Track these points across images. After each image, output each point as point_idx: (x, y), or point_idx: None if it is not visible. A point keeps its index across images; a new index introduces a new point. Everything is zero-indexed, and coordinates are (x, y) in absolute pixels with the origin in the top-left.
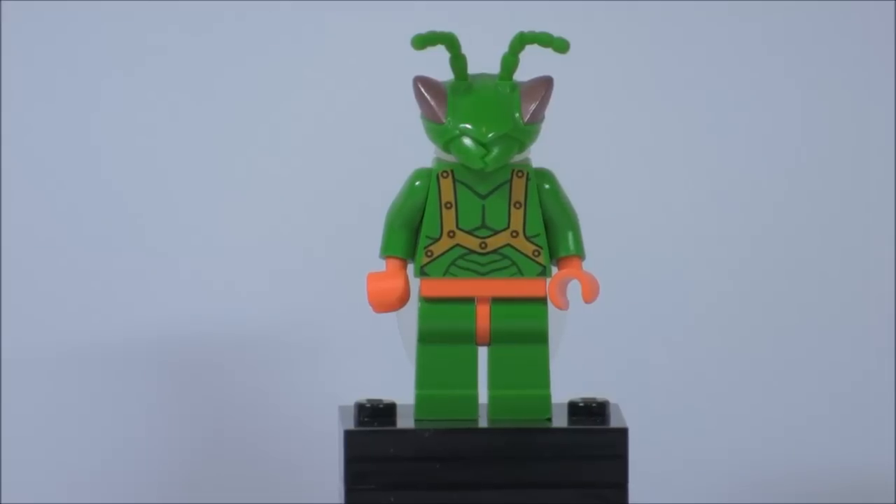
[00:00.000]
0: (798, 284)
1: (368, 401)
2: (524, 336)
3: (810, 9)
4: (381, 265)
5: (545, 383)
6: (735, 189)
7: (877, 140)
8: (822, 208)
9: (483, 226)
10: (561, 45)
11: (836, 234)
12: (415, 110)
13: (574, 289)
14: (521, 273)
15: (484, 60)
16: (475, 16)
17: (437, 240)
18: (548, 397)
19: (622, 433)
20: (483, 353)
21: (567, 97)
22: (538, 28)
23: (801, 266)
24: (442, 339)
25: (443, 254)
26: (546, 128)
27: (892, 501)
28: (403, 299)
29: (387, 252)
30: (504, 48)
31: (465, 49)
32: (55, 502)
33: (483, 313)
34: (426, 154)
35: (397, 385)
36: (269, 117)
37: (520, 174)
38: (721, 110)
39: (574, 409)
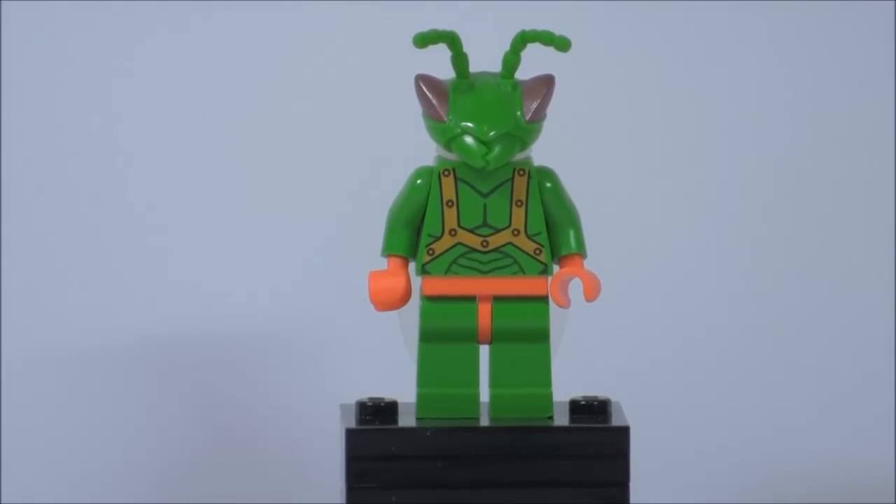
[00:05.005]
0: (798, 284)
1: (370, 399)
2: (526, 334)
3: (814, 8)
4: (383, 264)
5: (547, 382)
6: (737, 188)
7: (881, 139)
8: (823, 208)
9: (484, 224)
10: (562, 44)
11: (837, 233)
12: (416, 109)
13: (575, 287)
14: (522, 271)
15: (485, 59)
16: (477, 14)
17: (439, 238)
18: (549, 396)
19: (624, 432)
20: (484, 351)
21: (569, 95)
22: (540, 26)
23: (802, 265)
24: (443, 337)
25: (444, 252)
26: (548, 126)
27: (892, 502)
28: (405, 298)
29: (388, 251)
30: (506, 47)
31: (467, 47)
32: (56, 502)
33: (485, 312)
34: (428, 152)
35: (399, 383)
36: (270, 116)
37: (521, 172)
38: (726, 109)
39: (576, 407)
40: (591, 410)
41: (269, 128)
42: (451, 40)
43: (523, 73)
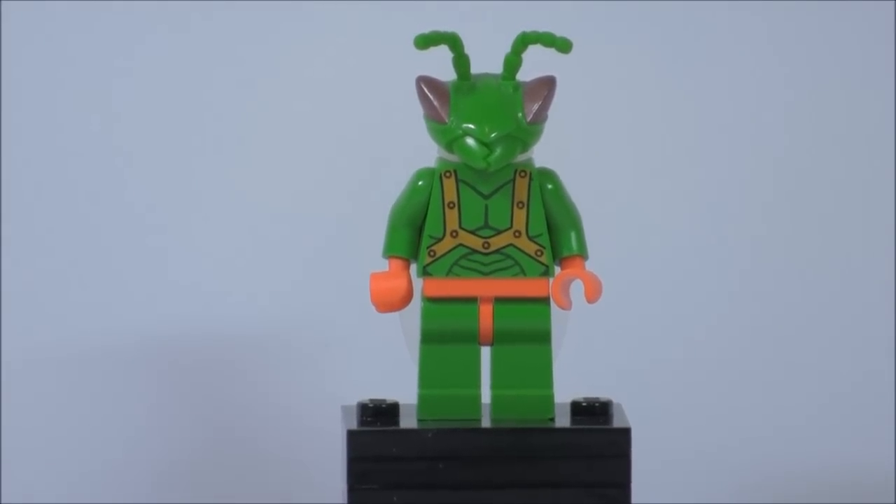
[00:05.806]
0: (798, 284)
1: (371, 400)
2: (527, 336)
3: (814, 8)
4: (384, 265)
5: (548, 383)
6: (737, 188)
7: (881, 139)
8: (823, 208)
9: (486, 226)
10: (564, 45)
11: (837, 233)
12: (417, 109)
13: (577, 288)
14: (523, 273)
15: (487, 60)
16: (477, 15)
17: (440, 239)
18: (551, 397)
19: (625, 433)
20: (486, 352)
21: (570, 97)
22: (540, 27)
23: (802, 265)
24: (445, 338)
25: (446, 253)
26: (548, 127)
27: (892, 502)
28: (406, 299)
29: (390, 252)
30: (506, 48)
31: (468, 49)
32: (56, 502)
33: (486, 313)
34: (428, 153)
35: (400, 385)
36: (270, 116)
37: (522, 174)
38: (726, 109)
39: (577, 408)
40: (593, 412)
41: (269, 128)
42: (453, 42)
43: (524, 74)
